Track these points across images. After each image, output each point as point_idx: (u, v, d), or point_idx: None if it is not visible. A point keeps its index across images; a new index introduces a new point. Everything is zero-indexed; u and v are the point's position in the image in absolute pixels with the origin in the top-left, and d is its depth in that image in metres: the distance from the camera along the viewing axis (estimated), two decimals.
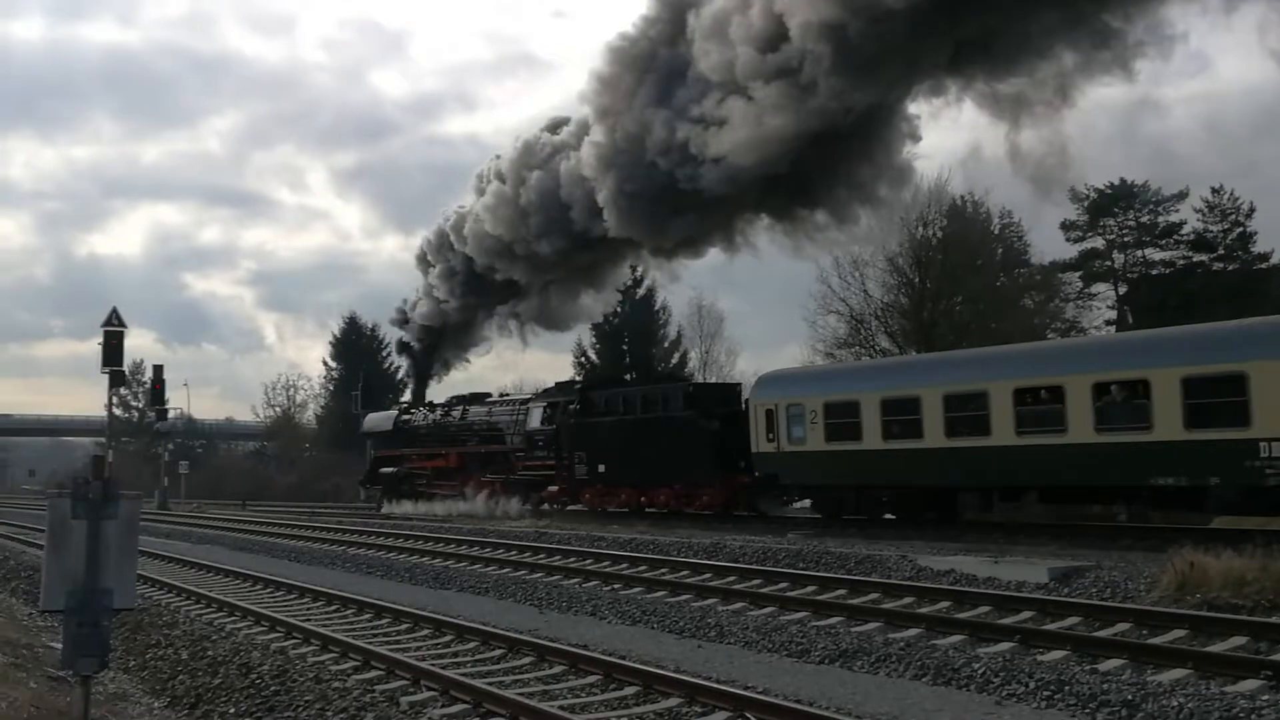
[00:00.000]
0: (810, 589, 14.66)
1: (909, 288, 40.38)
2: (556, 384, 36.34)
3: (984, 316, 39.23)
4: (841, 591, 14.29)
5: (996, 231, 43.68)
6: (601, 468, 30.28)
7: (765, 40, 27.33)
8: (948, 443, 20.82)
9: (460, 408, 38.88)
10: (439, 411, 39.69)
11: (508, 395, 39.50)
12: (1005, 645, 10.60)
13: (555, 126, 38.04)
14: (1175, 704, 8.21)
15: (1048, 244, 44.93)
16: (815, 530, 21.94)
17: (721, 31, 28.60)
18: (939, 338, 37.45)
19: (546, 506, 32.35)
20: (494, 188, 37.08)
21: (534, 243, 36.10)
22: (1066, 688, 8.84)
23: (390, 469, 40.69)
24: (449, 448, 38.04)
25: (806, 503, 26.68)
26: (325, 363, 75.20)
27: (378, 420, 43.51)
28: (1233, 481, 16.91)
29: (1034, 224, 43.80)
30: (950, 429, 20.83)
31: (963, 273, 39.87)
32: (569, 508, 31.78)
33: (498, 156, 39.51)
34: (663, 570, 17.29)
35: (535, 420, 33.58)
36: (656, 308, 55.24)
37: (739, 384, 29.89)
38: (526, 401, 35.67)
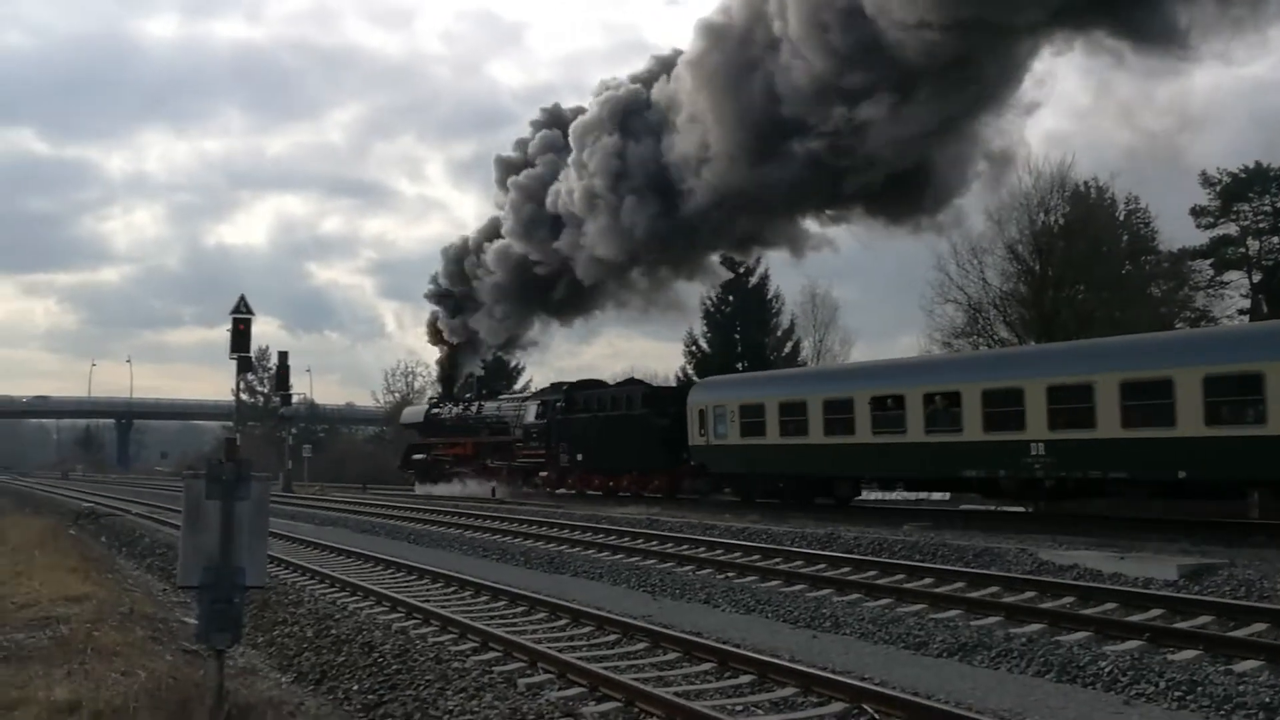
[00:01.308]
0: (927, 581, 14.42)
1: (1029, 276, 39.38)
2: (551, 384, 41.54)
3: (1108, 305, 38.00)
4: (960, 584, 14.02)
5: (1122, 218, 42.19)
6: (580, 456, 35.66)
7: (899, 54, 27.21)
8: (826, 440, 25.44)
9: (477, 403, 44.79)
10: (460, 406, 45.67)
11: (515, 393, 45.44)
12: (1133, 643, 10.27)
13: (652, 81, 38.10)
14: None
15: (1177, 230, 43.07)
16: (932, 523, 21.60)
17: (828, 88, 28.73)
18: (1060, 327, 36.43)
19: (545, 489, 37.88)
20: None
21: (642, 251, 36.65)
22: (1199, 688, 8.53)
23: (421, 455, 47.37)
24: (466, 438, 43.93)
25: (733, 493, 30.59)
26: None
27: (413, 413, 50.23)
28: (1014, 474, 21.24)
29: (1145, 194, 42.16)
30: (828, 429, 25.39)
31: (1086, 260, 38.68)
32: (556, 490, 37.25)
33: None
34: (776, 560, 17.19)
35: (531, 415, 39.21)
36: (769, 296, 54.72)
37: (689, 386, 33.66)
38: (526, 399, 41.68)
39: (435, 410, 47.28)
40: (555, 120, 43.51)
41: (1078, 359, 21.49)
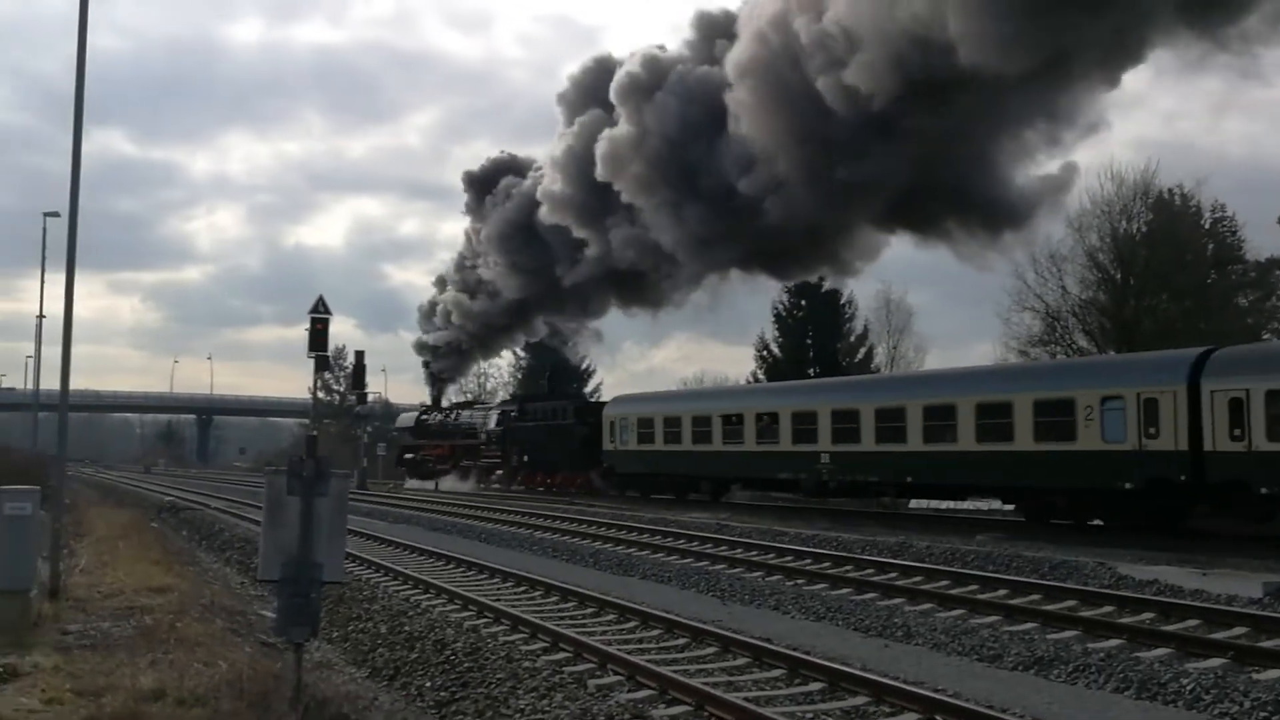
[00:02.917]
0: (1002, 593, 14.20)
1: (1110, 284, 38.66)
2: (511, 395, 51.97)
3: (1192, 316, 37.14)
4: (1035, 597, 13.79)
5: (1207, 225, 41.19)
6: (526, 458, 42.95)
7: None
8: (693, 448, 32.58)
9: (456, 411, 52.41)
10: (443, 413, 53.07)
11: (483, 402, 54.08)
12: (1216, 661, 10.01)
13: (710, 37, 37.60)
14: None
15: (1265, 239, 41.98)
16: (1006, 534, 21.28)
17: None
18: (1142, 337, 35.71)
19: (498, 485, 45.26)
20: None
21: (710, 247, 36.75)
22: None
23: (411, 455, 54.58)
24: (445, 441, 51.08)
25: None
26: (514, 352, 77.25)
27: (406, 419, 57.38)
28: (810, 476, 27.99)
29: (1232, 202, 41.16)
30: (694, 439, 32.47)
31: (1169, 269, 37.86)
32: (512, 487, 43.77)
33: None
34: (847, 567, 17.06)
35: (492, 422, 46.74)
36: (842, 301, 54.09)
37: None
38: (490, 408, 49.72)
39: (424, 417, 54.51)
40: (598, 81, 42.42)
41: (850, 390, 29.42)
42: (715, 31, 36.99)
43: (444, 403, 57.04)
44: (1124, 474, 20.42)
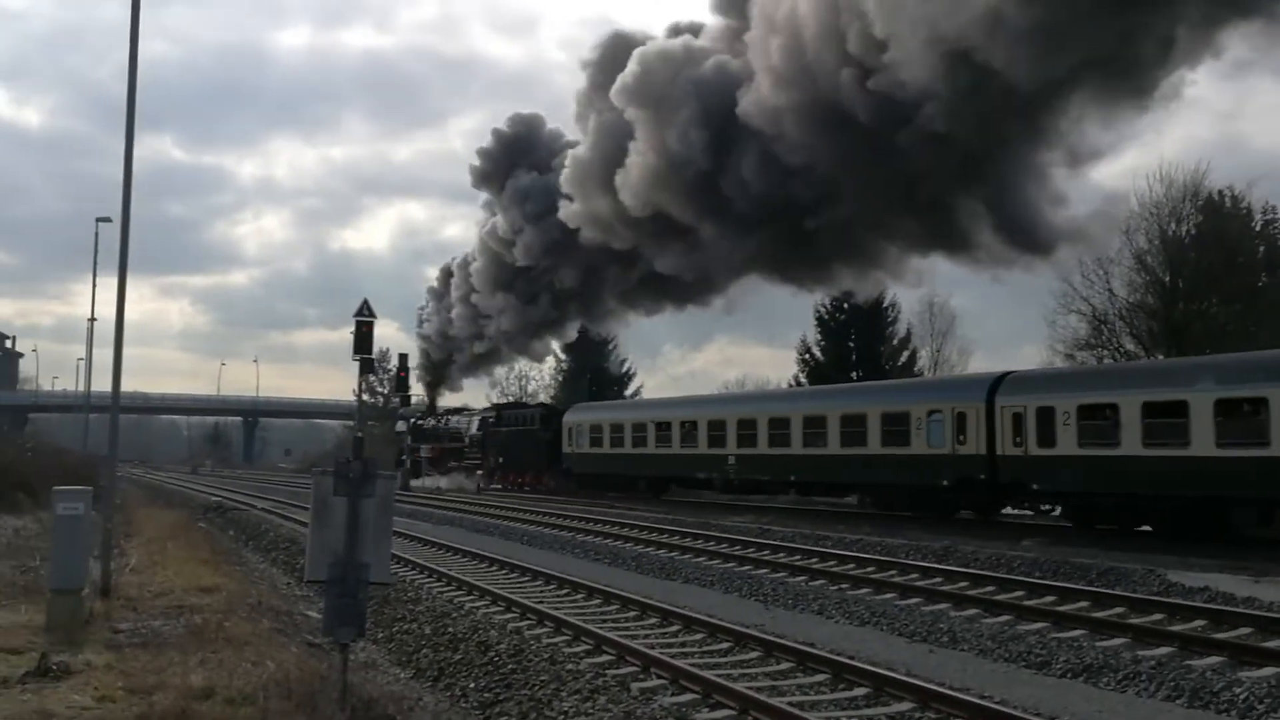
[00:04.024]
0: (1049, 599, 14.04)
1: (1158, 287, 38.12)
2: (491, 404, 56.47)
3: (1242, 319, 36.55)
4: (1084, 603, 13.62)
5: (1259, 227, 40.51)
6: (501, 460, 48.14)
7: None
8: (633, 451, 37.52)
9: (446, 417, 57.10)
10: (437, 418, 57.79)
11: (468, 409, 57.51)
12: (1270, 670, 9.83)
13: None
14: None
15: None
16: (1053, 539, 21.04)
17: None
18: (1191, 340, 35.19)
19: (480, 485, 48.61)
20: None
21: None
22: None
23: (406, 456, 57.23)
24: (436, 444, 55.83)
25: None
26: (555, 355, 77.50)
27: (404, 423, 60.39)
28: (721, 475, 32.90)
29: None
30: (633, 443, 37.45)
31: (1219, 272, 37.27)
32: (490, 486, 47.81)
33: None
34: (891, 572, 16.93)
35: (474, 428, 51.70)
36: (885, 304, 53.64)
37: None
38: (474, 414, 54.10)
39: (419, 421, 58.90)
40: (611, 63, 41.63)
41: (750, 402, 35.52)
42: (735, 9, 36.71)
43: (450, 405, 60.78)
44: (942, 473, 25.24)
